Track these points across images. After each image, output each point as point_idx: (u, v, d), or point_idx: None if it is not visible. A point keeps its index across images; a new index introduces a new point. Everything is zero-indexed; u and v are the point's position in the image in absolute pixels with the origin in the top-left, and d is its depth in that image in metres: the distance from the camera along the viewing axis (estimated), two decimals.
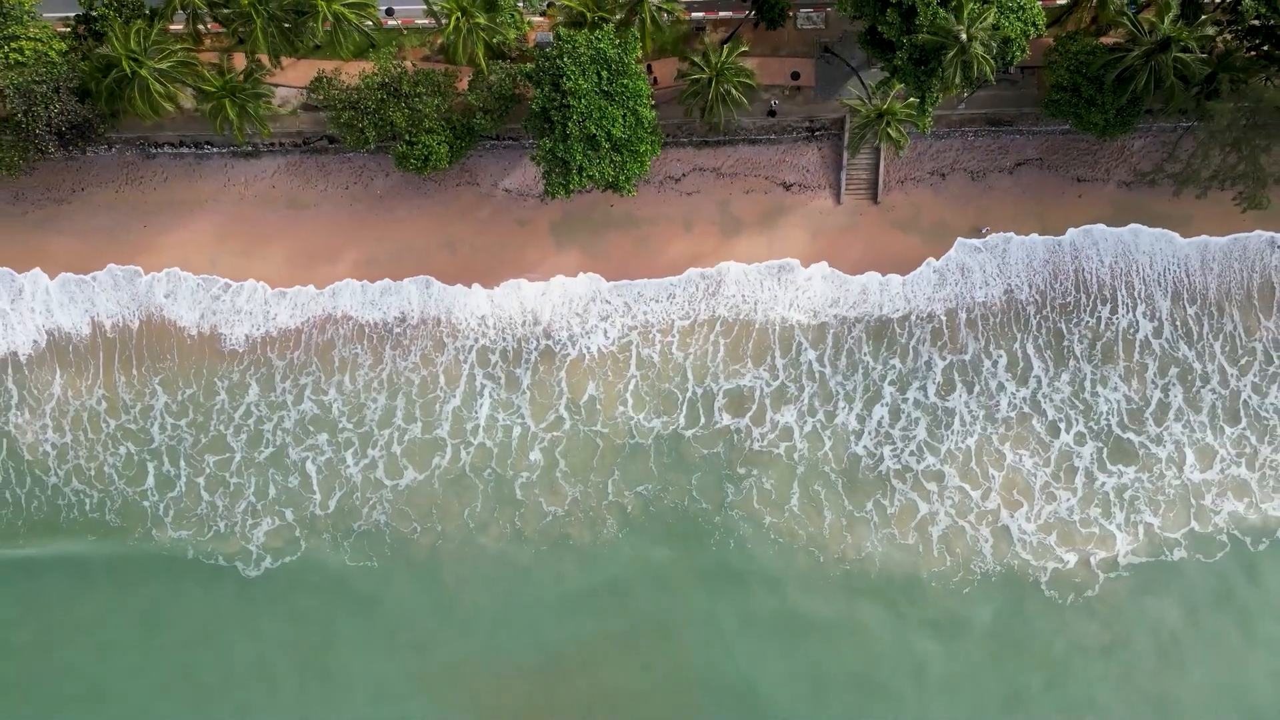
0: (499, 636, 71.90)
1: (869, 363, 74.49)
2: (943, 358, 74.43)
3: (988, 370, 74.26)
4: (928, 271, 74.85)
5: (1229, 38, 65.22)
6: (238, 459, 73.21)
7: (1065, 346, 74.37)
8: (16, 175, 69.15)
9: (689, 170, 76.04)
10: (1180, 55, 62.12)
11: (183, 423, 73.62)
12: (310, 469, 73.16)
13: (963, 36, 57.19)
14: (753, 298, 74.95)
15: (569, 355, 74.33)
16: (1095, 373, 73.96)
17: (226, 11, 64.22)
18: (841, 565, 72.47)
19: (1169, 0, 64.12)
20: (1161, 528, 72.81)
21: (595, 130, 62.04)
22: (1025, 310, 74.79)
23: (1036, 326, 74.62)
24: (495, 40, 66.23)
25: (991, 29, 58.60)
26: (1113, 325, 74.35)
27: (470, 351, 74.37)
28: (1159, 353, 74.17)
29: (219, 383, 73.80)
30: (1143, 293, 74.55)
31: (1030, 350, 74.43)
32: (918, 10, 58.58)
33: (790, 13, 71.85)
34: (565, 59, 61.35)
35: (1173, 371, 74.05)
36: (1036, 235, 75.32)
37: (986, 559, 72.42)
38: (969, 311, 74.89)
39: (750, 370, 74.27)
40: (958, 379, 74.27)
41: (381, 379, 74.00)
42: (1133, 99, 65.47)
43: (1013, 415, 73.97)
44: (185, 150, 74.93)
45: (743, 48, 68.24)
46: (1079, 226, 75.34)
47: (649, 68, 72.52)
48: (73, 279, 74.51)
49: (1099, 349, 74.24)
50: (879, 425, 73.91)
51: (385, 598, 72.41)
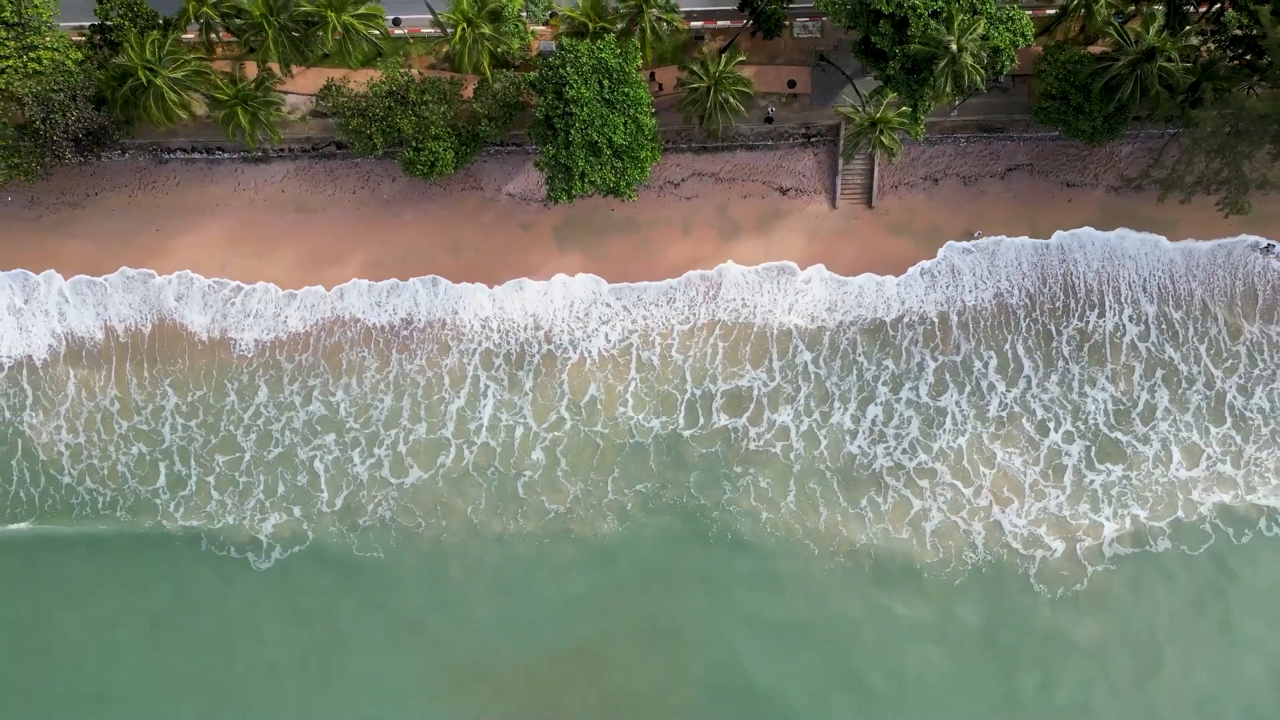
0: (501, 628, 72.79)
1: (863, 364, 75.23)
2: (934, 359, 75.13)
3: (978, 371, 74.97)
4: (917, 274, 75.48)
5: (1212, 47, 65.88)
6: (247, 458, 74.13)
7: (1054, 348, 75.02)
8: (34, 180, 69.96)
9: (688, 175, 76.68)
10: (1165, 65, 62.86)
11: (193, 423, 74.63)
12: (318, 467, 74.09)
13: (953, 47, 57.94)
14: (751, 301, 75.67)
15: (570, 358, 75.19)
16: (1083, 374, 74.67)
17: (239, 22, 65.14)
18: (836, 558, 73.06)
19: (1154, 11, 65.02)
20: (1147, 518, 73.37)
21: (597, 137, 62.52)
22: (1015, 313, 75.50)
23: (1026, 329, 75.29)
24: (499, 50, 67.03)
25: (981, 40, 59.34)
26: (1100, 328, 75.07)
27: (474, 354, 75.32)
28: (1145, 355, 74.87)
29: (229, 384, 74.81)
30: (1129, 297, 75.26)
31: (1020, 351, 75.07)
32: (909, 21, 59.26)
33: (786, 22, 72.03)
34: (568, 68, 61.82)
35: (1159, 373, 74.70)
36: (1025, 239, 75.77)
37: (978, 549, 73.21)
38: (960, 314, 75.61)
39: (748, 371, 75.00)
40: (949, 379, 74.97)
41: (388, 380, 74.88)
42: (1119, 107, 66.04)
43: (1003, 415, 74.52)
44: (197, 155, 75.69)
45: (740, 57, 68.45)
46: (1068, 230, 75.49)
47: (652, 75, 73.18)
48: (86, 283, 75.46)
49: (1087, 351, 74.95)
50: (873, 424, 74.57)
51: (390, 589, 73.15)
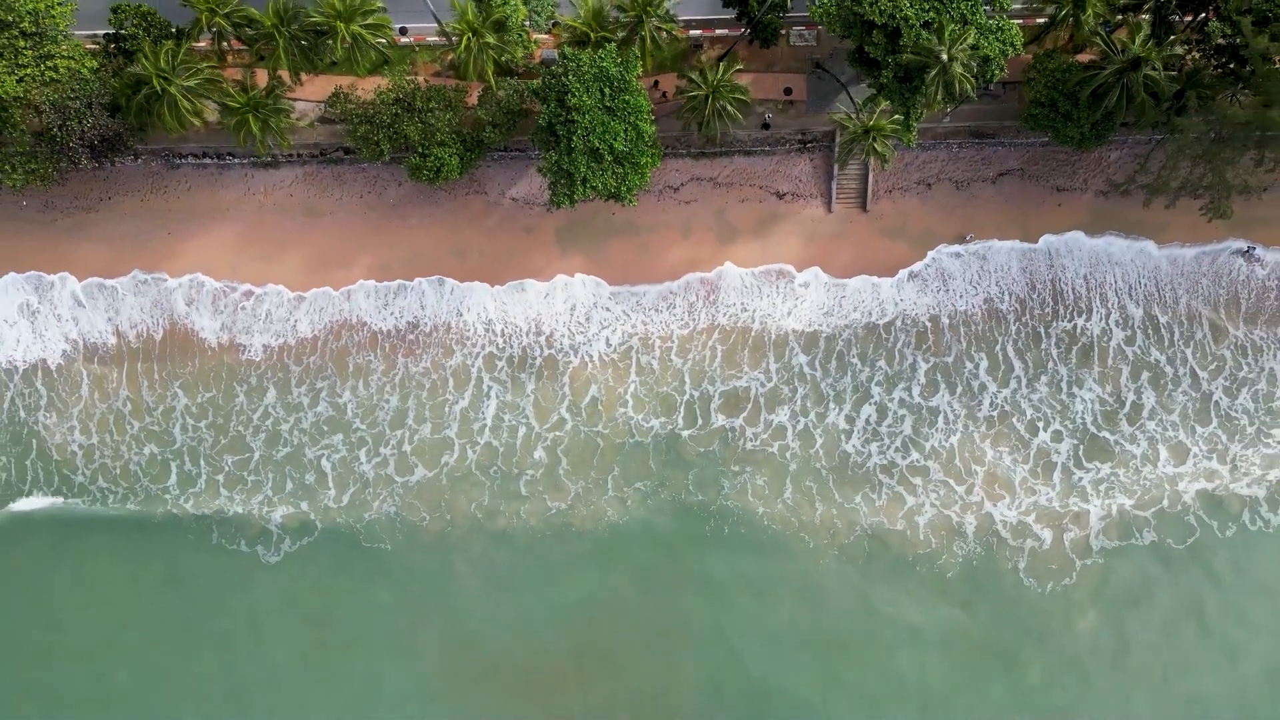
0: (502, 622, 73.79)
1: (857, 365, 76.45)
2: (926, 360, 76.37)
3: (969, 372, 76.28)
4: (909, 279, 76.74)
5: (1197, 56, 66.56)
6: (256, 458, 75.37)
7: (1043, 350, 76.25)
8: (50, 185, 70.63)
9: (687, 180, 77.68)
10: (1150, 73, 63.59)
11: (203, 424, 75.79)
12: (325, 466, 75.39)
13: (944, 56, 58.91)
14: (750, 306, 76.82)
15: (571, 362, 76.37)
16: (1071, 375, 75.97)
17: (251, 32, 66.10)
18: (830, 552, 74.20)
19: (1140, 21, 66.02)
20: (1133, 506, 74.52)
21: (598, 144, 63.23)
22: (1005, 317, 76.67)
23: (1016, 332, 76.45)
24: (503, 58, 67.76)
25: (971, 49, 60.16)
26: (1088, 331, 76.33)
27: (477, 357, 76.53)
28: (1132, 358, 76.10)
29: (238, 387, 76.00)
30: (1116, 303, 76.46)
31: (1010, 353, 76.28)
32: (902, 32, 60.27)
33: (783, 31, 73.07)
34: (570, 77, 62.48)
35: (1145, 376, 75.98)
36: (1015, 244, 76.97)
37: (969, 541, 74.33)
38: (951, 318, 76.78)
39: (746, 373, 76.24)
40: (941, 380, 76.24)
41: (394, 382, 76.12)
42: (1106, 114, 66.70)
43: (994, 414, 75.82)
44: (208, 161, 76.38)
45: (738, 65, 69.46)
46: (1058, 233, 76.73)
47: (655, 83, 74.18)
48: (98, 288, 76.37)
49: (1075, 353, 76.15)
50: (867, 423, 75.83)
51: (396, 581, 74.29)
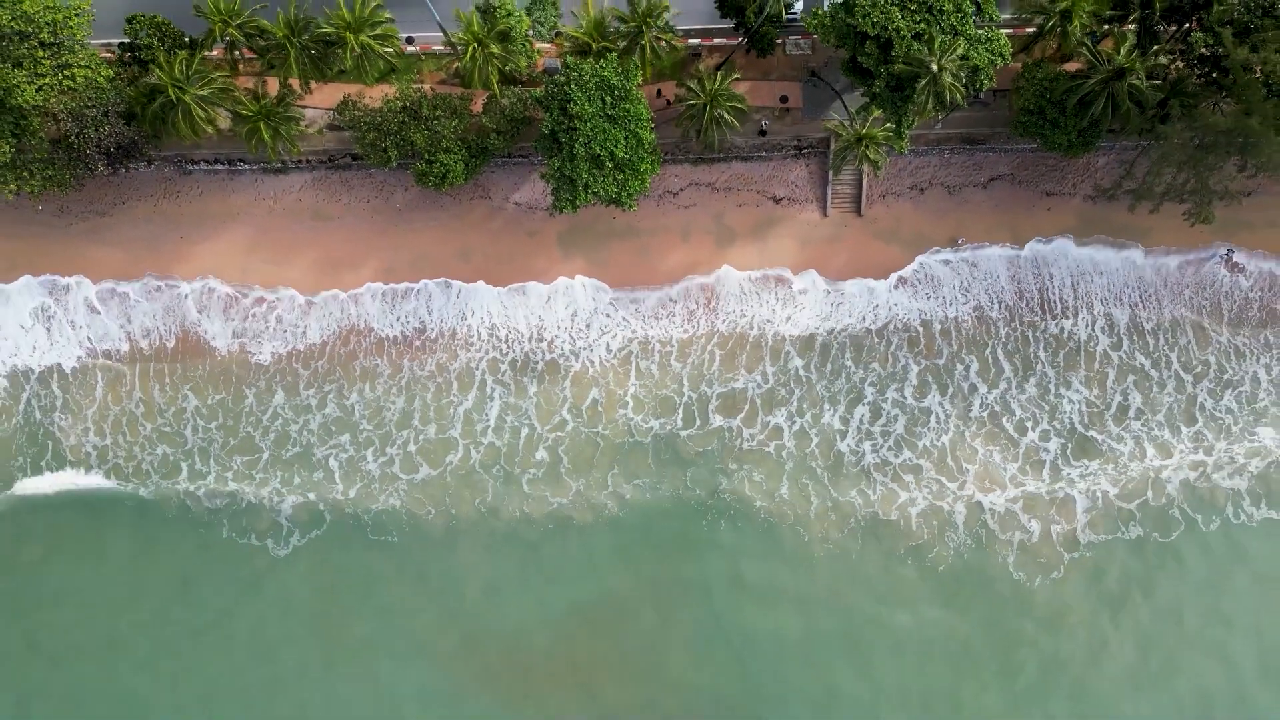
0: (508, 611, 74.90)
1: (851, 368, 77.91)
2: (918, 363, 77.88)
3: (960, 374, 77.78)
4: (903, 285, 78.42)
5: (1180, 66, 67.94)
6: (265, 457, 76.78)
7: (1031, 353, 77.68)
8: (67, 191, 71.98)
9: (686, 185, 79.12)
10: (1134, 83, 65.08)
11: (213, 425, 77.17)
12: (333, 465, 76.80)
13: (934, 67, 60.39)
14: (748, 313, 78.21)
15: (573, 366, 77.76)
16: (1059, 378, 77.46)
17: (262, 42, 67.74)
18: (825, 545, 75.44)
19: (1125, 32, 67.69)
20: (1117, 496, 75.75)
21: (600, 151, 64.46)
22: (994, 322, 78.14)
23: (1006, 336, 77.90)
24: (508, 67, 69.47)
25: (961, 59, 61.66)
26: (1075, 336, 77.88)
27: (481, 361, 77.91)
28: (1118, 362, 77.53)
29: (247, 390, 77.41)
30: (1101, 310, 77.97)
31: (1000, 355, 77.71)
32: (894, 43, 61.68)
33: (779, 41, 74.65)
34: (572, 85, 63.67)
35: (1130, 379, 77.43)
36: (1003, 252, 78.61)
37: (960, 532, 75.60)
38: (942, 323, 78.25)
39: (743, 376, 77.68)
40: (932, 382, 77.74)
41: (400, 385, 77.53)
42: (1092, 121, 68.04)
43: (984, 415, 77.24)
44: (219, 167, 77.75)
45: (735, 74, 70.73)
46: (1047, 236, 78.26)
47: (659, 92, 75.60)
48: (111, 293, 77.84)
49: (1062, 357, 77.61)
50: (860, 423, 77.20)
51: (401, 574, 75.56)
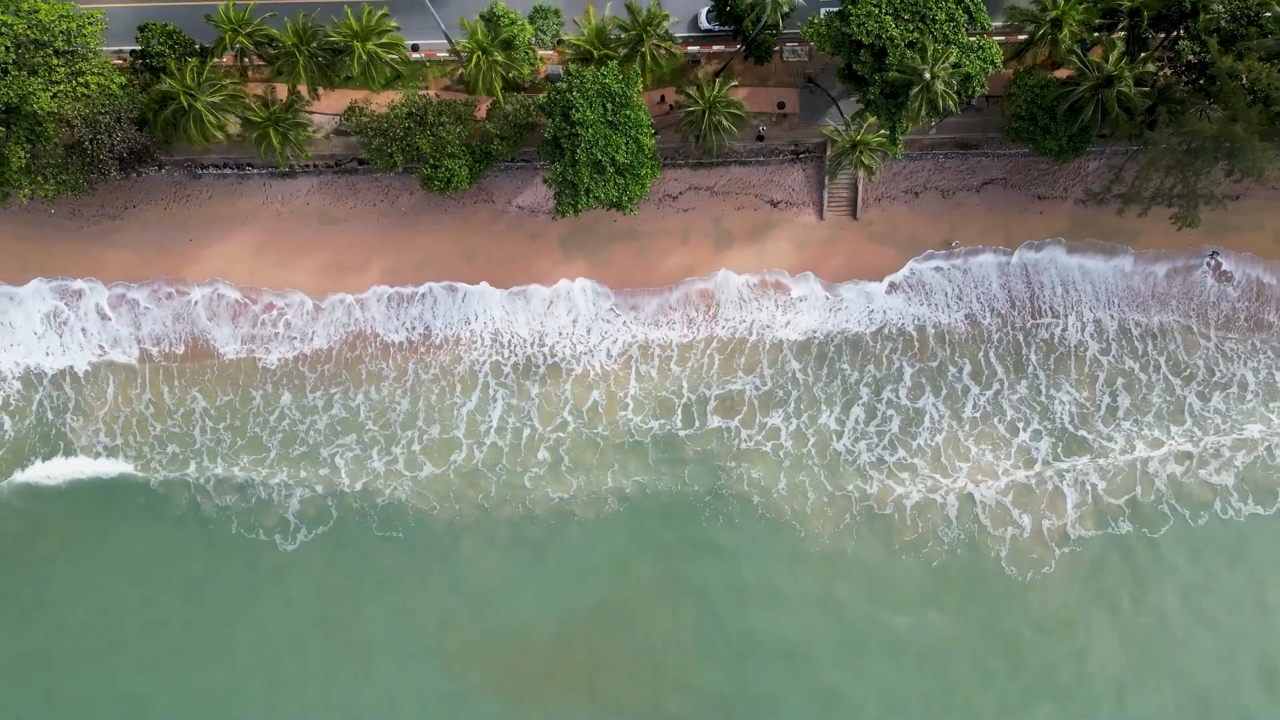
0: (510, 605, 76.15)
1: (847, 370, 79.24)
2: (912, 365, 79.16)
3: (953, 376, 79.06)
4: (888, 288, 79.96)
5: (1168, 73, 69.41)
6: (273, 455, 77.98)
7: (1023, 356, 79.04)
8: (80, 195, 73.32)
9: (685, 189, 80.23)
10: (1123, 90, 66.48)
11: (221, 426, 78.41)
12: (339, 463, 77.97)
13: (927, 75, 62.17)
14: (747, 319, 79.50)
15: (574, 370, 79.09)
16: (1050, 380, 78.80)
17: (272, 51, 68.94)
18: (821, 540, 76.61)
19: (1114, 40, 69.02)
20: (1105, 490, 77.14)
21: (601, 156, 65.73)
22: (987, 327, 79.52)
23: (998, 340, 79.25)
24: (511, 75, 70.41)
25: (953, 68, 63.42)
26: (1065, 342, 79.24)
27: (484, 364, 79.18)
28: (1107, 366, 78.93)
29: (255, 392, 78.66)
30: (1090, 316, 79.43)
31: (992, 359, 79.07)
32: (888, 51, 63.52)
33: (777, 48, 75.76)
34: (574, 93, 65.02)
35: (1119, 381, 78.84)
36: (994, 259, 79.97)
37: (953, 527, 76.91)
38: (936, 327, 79.65)
39: (741, 378, 79.03)
40: (926, 383, 79.05)
41: (405, 387, 78.78)
42: (1082, 127, 69.50)
43: (976, 415, 78.54)
44: (228, 171, 78.95)
45: (734, 81, 71.82)
46: (1039, 239, 79.53)
47: (662, 98, 76.61)
48: (122, 300, 79.08)
49: (1053, 361, 78.97)
50: (856, 423, 78.44)
51: (407, 568, 76.82)
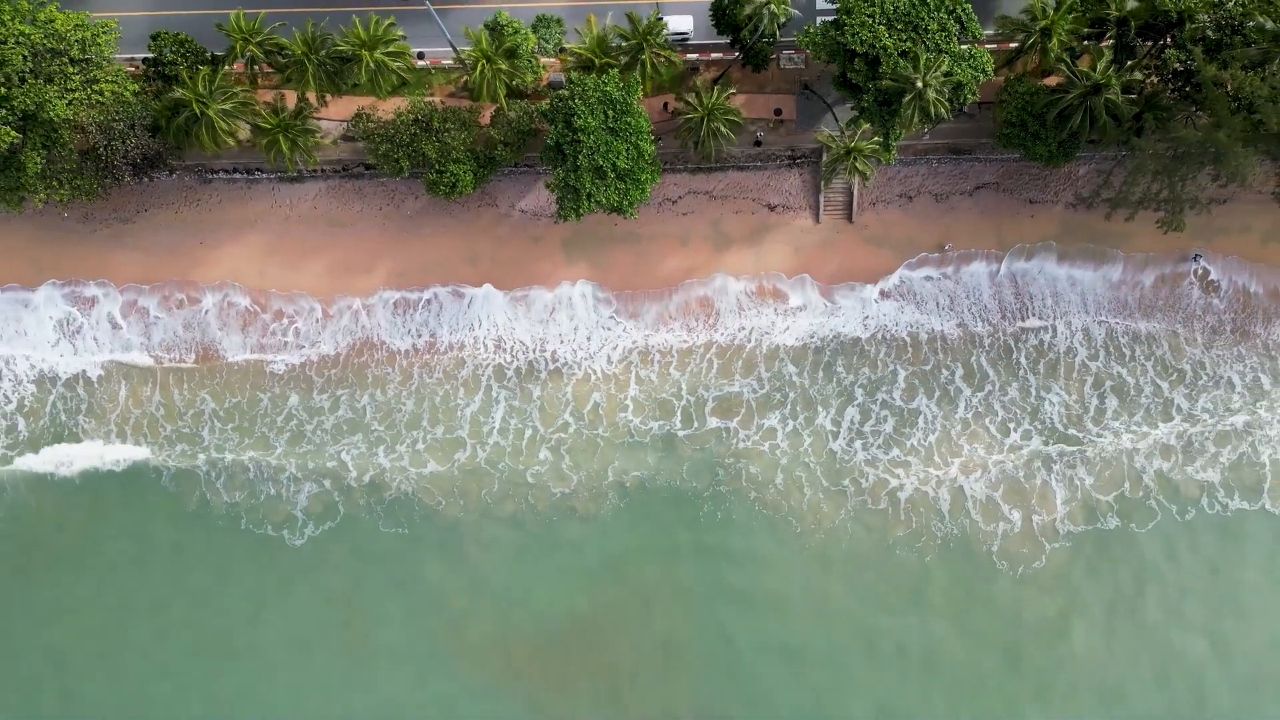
0: (510, 601, 77.61)
1: (842, 374, 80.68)
2: (905, 368, 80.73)
3: (945, 378, 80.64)
4: (891, 299, 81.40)
5: (1155, 81, 70.82)
6: (279, 450, 79.44)
7: (1014, 360, 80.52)
8: (94, 200, 74.84)
9: (685, 193, 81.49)
10: (1110, 97, 67.85)
11: (229, 426, 80.00)
12: (346, 458, 79.52)
13: (919, 84, 63.87)
14: (747, 326, 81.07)
15: (575, 375, 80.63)
16: (1040, 383, 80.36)
17: (282, 59, 70.52)
18: (817, 535, 78.13)
19: (1102, 49, 70.34)
20: (1093, 485, 78.54)
21: (602, 162, 67.11)
22: (978, 332, 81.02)
23: (989, 345, 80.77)
24: (514, 82, 71.88)
25: (945, 76, 64.94)
26: (1054, 348, 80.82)
27: (488, 368, 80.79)
28: (1095, 371, 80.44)
29: (262, 395, 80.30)
30: (1079, 324, 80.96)
31: (984, 362, 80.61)
32: (881, 60, 65.09)
33: (774, 55, 77.31)
34: (576, 100, 66.44)
35: (1108, 384, 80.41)
36: (985, 267, 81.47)
37: (945, 520, 78.33)
38: (929, 332, 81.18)
39: (739, 381, 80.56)
40: (919, 385, 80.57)
41: (410, 390, 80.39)
42: (1071, 134, 70.74)
43: (969, 415, 79.99)
44: (238, 176, 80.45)
45: (732, 88, 73.13)
46: (1031, 242, 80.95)
47: (666, 105, 78.07)
48: (133, 307, 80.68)
49: (1043, 365, 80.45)
50: (852, 424, 79.90)
51: (412, 563, 78.20)
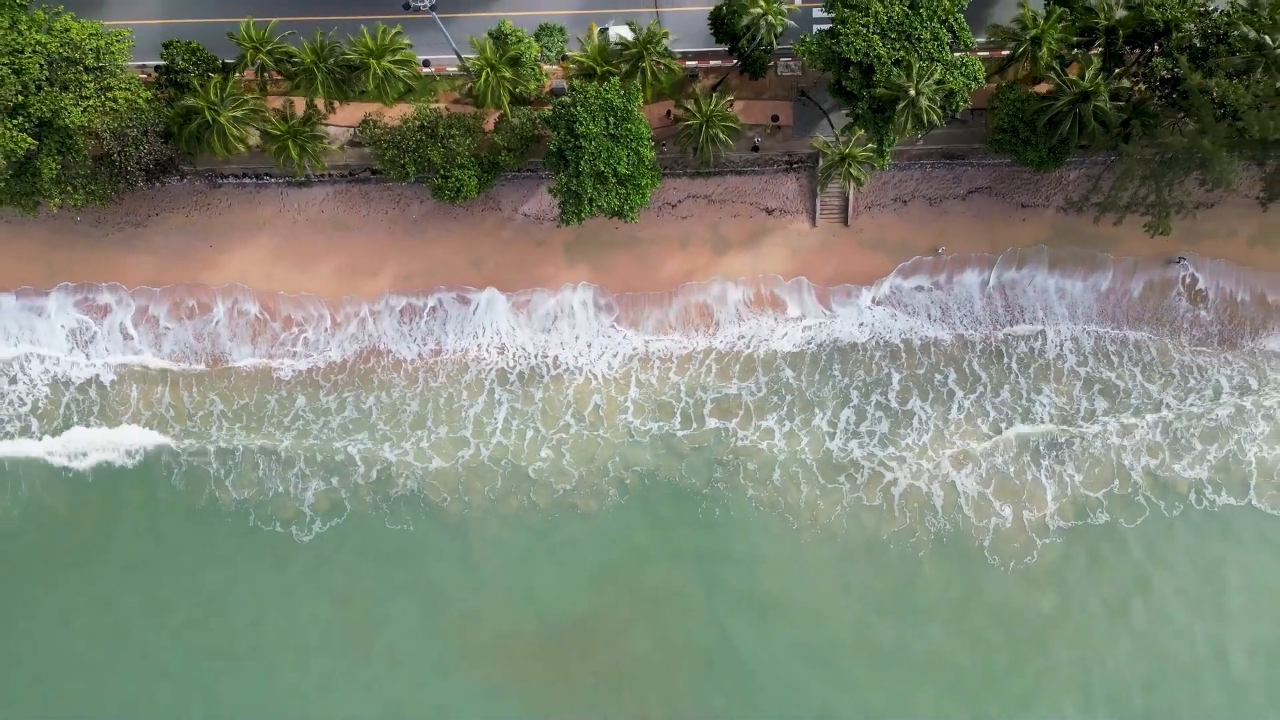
0: (513, 597, 78.78)
1: (838, 377, 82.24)
2: (899, 371, 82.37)
3: (939, 381, 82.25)
4: (886, 306, 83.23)
5: (1143, 88, 72.20)
6: (285, 446, 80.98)
7: (1005, 365, 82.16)
8: (107, 204, 76.18)
9: (684, 197, 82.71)
10: (1099, 104, 69.25)
11: (237, 427, 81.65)
12: (353, 451, 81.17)
13: (912, 92, 65.35)
14: (747, 333, 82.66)
15: (576, 379, 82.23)
16: (1032, 385, 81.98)
17: (291, 67, 72.09)
18: (813, 531, 79.63)
19: (1091, 57, 72.05)
20: (1083, 482, 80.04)
21: (603, 167, 68.16)
22: (970, 338, 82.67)
23: (980, 350, 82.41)
24: (518, 89, 73.42)
25: (937, 84, 66.39)
26: (1044, 354, 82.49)
27: (490, 372, 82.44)
28: (1083, 376, 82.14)
29: (269, 397, 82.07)
30: (1068, 331, 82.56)
31: (975, 366, 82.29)
32: (875, 68, 66.43)
33: (771, 63, 78.82)
34: (578, 107, 67.48)
35: (1096, 387, 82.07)
36: (973, 275, 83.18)
37: (938, 515, 79.94)
38: (922, 338, 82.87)
39: (737, 384, 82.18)
40: (913, 388, 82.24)
41: (415, 392, 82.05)
42: (1061, 140, 72.28)
43: (961, 416, 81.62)
44: (247, 180, 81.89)
45: (730, 95, 74.64)
46: (1022, 245, 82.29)
47: (668, 113, 79.22)
48: (144, 315, 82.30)
49: (1033, 370, 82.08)
50: (847, 424, 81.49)
51: (417, 560, 79.63)
